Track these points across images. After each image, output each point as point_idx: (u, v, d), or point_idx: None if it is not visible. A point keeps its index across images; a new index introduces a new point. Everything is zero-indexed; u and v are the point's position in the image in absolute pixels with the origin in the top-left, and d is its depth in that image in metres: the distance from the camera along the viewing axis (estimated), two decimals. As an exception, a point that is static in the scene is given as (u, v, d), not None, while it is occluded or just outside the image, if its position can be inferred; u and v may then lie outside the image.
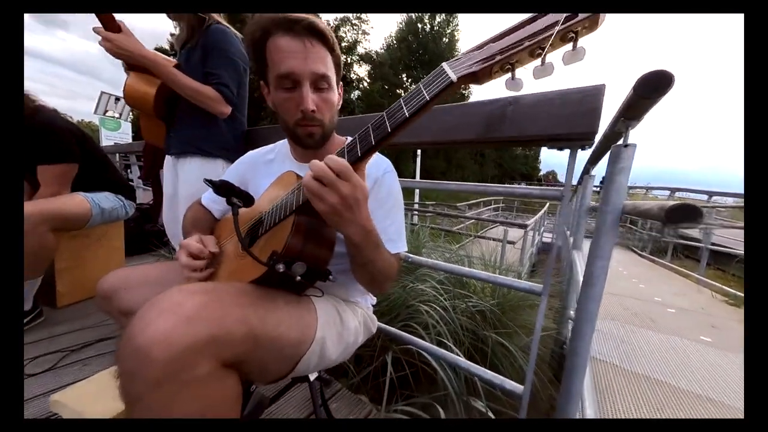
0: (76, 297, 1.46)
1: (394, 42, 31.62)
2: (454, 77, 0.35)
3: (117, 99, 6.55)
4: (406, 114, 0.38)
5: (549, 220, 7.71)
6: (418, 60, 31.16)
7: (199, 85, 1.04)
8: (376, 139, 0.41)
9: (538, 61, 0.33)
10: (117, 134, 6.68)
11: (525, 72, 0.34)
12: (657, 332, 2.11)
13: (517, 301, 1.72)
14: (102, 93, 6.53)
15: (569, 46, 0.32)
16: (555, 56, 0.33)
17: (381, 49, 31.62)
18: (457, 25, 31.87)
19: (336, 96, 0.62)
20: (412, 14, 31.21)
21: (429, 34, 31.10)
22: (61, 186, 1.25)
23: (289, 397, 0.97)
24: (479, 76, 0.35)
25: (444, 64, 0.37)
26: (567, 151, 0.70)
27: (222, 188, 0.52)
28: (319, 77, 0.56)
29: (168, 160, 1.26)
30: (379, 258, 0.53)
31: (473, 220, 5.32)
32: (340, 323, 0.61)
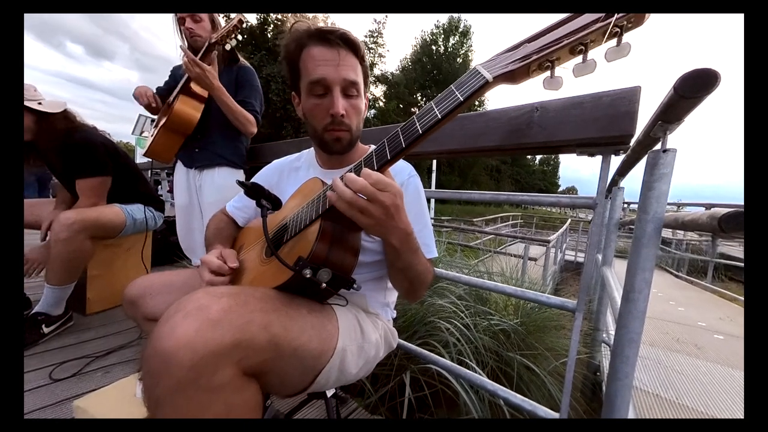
0: (104, 305, 1.52)
1: (409, 63, 32.79)
2: (489, 77, 0.34)
3: (153, 121, 7.09)
4: (438, 115, 0.38)
5: (571, 237, 7.38)
6: (432, 80, 32.01)
7: (245, 112, 1.28)
8: (406, 142, 0.41)
9: (578, 59, 0.31)
10: (150, 153, 7.17)
11: (564, 71, 0.33)
12: (705, 361, 1.89)
13: (542, 321, 1.61)
14: (140, 115, 7.10)
15: (613, 42, 0.31)
16: (596, 53, 0.31)
17: (396, 70, 32.84)
18: (471, 46, 32.74)
19: (363, 104, 0.64)
20: (427, 37, 32.45)
21: (443, 55, 32.09)
22: (97, 198, 1.34)
23: (303, 414, 0.93)
24: (516, 75, 0.34)
25: (477, 65, 0.37)
26: (589, 167, 0.67)
27: (252, 190, 0.52)
28: (350, 84, 0.58)
29: (183, 173, 1.39)
30: (418, 262, 0.53)
31: (491, 236, 5.17)
32: (360, 335, 0.59)
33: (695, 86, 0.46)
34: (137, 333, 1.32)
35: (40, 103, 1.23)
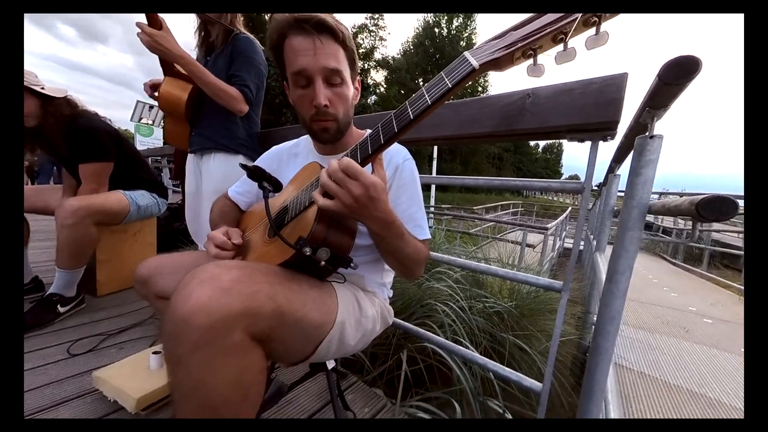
0: (113, 287, 1.58)
1: (411, 47, 31.88)
2: (476, 64, 0.36)
3: (151, 107, 7.02)
4: (428, 101, 0.40)
5: (571, 225, 7.41)
6: (434, 64, 31.21)
7: (224, 84, 1.14)
8: (399, 126, 0.43)
9: (560, 47, 0.33)
10: (150, 139, 7.15)
11: (547, 58, 0.35)
12: (691, 342, 1.97)
13: (536, 304, 1.67)
14: (138, 101, 7.02)
15: (592, 30, 0.33)
16: (577, 41, 0.33)
17: (398, 54, 31.95)
18: (475, 28, 31.69)
19: (350, 90, 0.63)
20: (429, 19, 31.39)
21: (446, 38, 31.13)
22: (99, 183, 1.36)
23: (306, 387, 1.00)
24: (501, 63, 0.36)
25: (466, 53, 0.39)
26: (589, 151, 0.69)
27: (254, 172, 0.55)
28: (331, 72, 0.57)
29: (190, 159, 1.37)
30: (404, 246, 0.55)
31: (491, 223, 5.21)
32: (358, 310, 0.63)
33: (678, 73, 0.48)
34: (147, 314, 1.38)
35: (42, 89, 1.24)
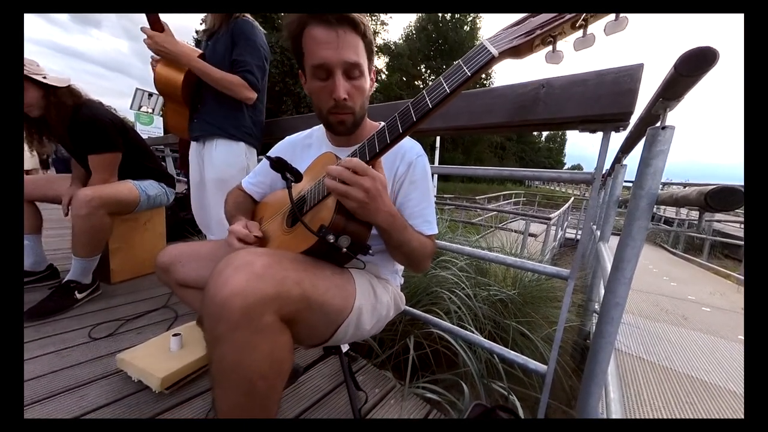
0: (126, 275, 1.62)
1: (413, 32, 30.97)
2: (495, 52, 0.37)
3: (150, 95, 6.92)
4: (447, 90, 0.41)
5: (573, 215, 7.42)
6: (437, 50, 30.40)
7: (228, 75, 1.12)
8: (417, 116, 0.44)
9: (579, 33, 0.34)
10: (150, 128, 7.08)
11: (564, 45, 0.35)
12: (689, 329, 2.02)
13: (538, 292, 1.71)
14: (137, 89, 6.92)
15: (611, 16, 0.33)
16: (596, 27, 0.34)
17: (400, 39, 31.08)
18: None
19: (367, 83, 0.64)
20: (432, 2, 30.34)
21: (449, 22, 30.19)
22: (110, 173, 1.38)
23: (318, 369, 1.04)
24: (521, 50, 0.37)
25: (484, 40, 0.39)
26: (595, 143, 0.69)
27: (278, 163, 0.57)
28: (351, 66, 0.57)
29: (193, 147, 1.34)
30: (410, 239, 0.58)
31: (493, 213, 5.22)
32: (374, 296, 0.66)
33: (695, 65, 0.48)
34: (161, 301, 1.43)
35: (44, 78, 1.24)
